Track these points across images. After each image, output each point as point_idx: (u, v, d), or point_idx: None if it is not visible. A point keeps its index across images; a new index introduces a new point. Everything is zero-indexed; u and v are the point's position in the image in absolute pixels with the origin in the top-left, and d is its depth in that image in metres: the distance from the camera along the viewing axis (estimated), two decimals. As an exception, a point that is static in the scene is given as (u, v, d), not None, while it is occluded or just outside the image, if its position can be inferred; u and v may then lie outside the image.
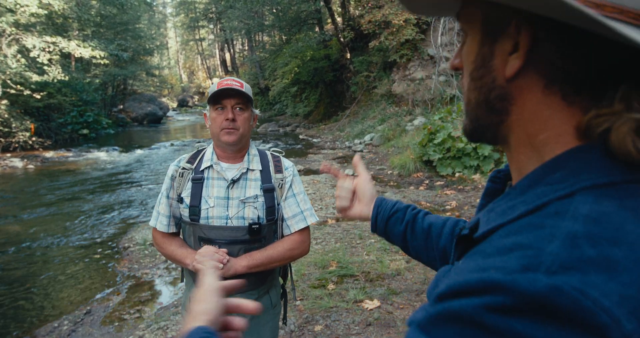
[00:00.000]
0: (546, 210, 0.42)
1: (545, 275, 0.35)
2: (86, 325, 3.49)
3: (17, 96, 13.91)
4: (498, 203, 0.50)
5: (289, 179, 1.69)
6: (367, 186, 0.99)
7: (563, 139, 0.46)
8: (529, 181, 0.47)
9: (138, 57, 26.88)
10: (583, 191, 0.42)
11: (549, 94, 0.45)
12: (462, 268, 0.42)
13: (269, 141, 15.44)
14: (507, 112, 0.49)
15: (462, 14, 0.53)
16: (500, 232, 0.44)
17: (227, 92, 1.58)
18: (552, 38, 0.43)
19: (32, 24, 14.94)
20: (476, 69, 0.51)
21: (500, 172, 0.64)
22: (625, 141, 0.40)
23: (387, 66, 15.30)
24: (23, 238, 5.76)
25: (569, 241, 0.37)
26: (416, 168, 8.50)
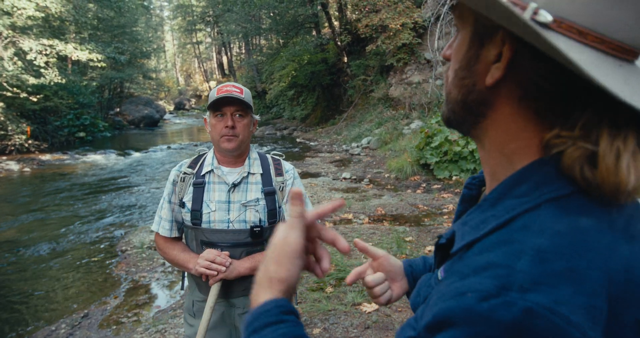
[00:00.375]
0: (514, 224, 0.44)
1: (518, 294, 0.37)
2: (84, 328, 3.47)
3: (13, 98, 13.86)
4: (471, 216, 0.51)
5: (289, 182, 1.70)
6: (390, 263, 0.89)
7: (530, 150, 0.48)
8: (498, 194, 0.49)
9: (135, 60, 26.84)
10: (547, 204, 0.44)
11: (524, 106, 0.47)
12: (443, 291, 0.44)
13: (266, 145, 15.45)
14: (483, 115, 0.51)
15: (457, 9, 0.54)
16: (474, 249, 0.46)
17: (226, 99, 1.59)
18: (530, 54, 0.44)
19: (29, 26, 14.91)
20: (461, 69, 0.52)
21: (475, 178, 0.67)
22: (573, 166, 0.43)
23: (384, 69, 15.36)
24: (20, 242, 5.73)
25: (537, 256, 0.39)
26: (413, 172, 8.53)
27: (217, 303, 1.55)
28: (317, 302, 3.48)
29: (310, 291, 3.71)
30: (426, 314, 0.45)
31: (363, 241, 4.00)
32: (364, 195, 7.36)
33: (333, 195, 7.32)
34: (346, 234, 5.22)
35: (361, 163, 10.66)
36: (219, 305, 1.65)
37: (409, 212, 6.24)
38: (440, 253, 0.61)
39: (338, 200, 0.63)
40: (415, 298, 0.63)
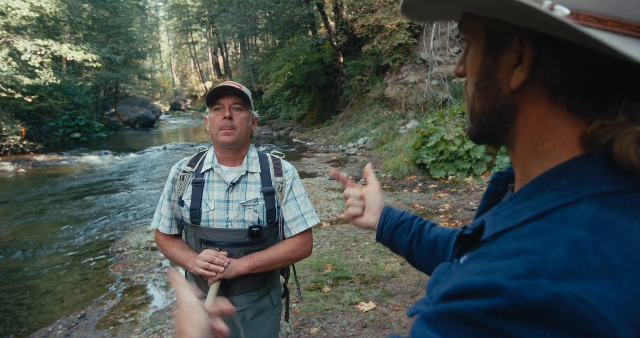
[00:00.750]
0: (552, 216, 0.43)
1: (548, 281, 0.36)
2: (81, 329, 3.47)
3: (7, 99, 13.79)
4: (504, 207, 0.51)
5: (289, 182, 1.70)
6: (376, 195, 0.98)
7: (568, 147, 0.47)
8: (535, 187, 0.48)
9: (130, 61, 26.74)
10: (588, 199, 0.43)
11: (555, 104, 0.47)
12: (469, 269, 0.44)
13: (262, 145, 15.43)
14: (512, 121, 0.51)
15: (464, 24, 0.54)
16: (506, 236, 0.45)
17: (224, 89, 1.58)
18: (555, 51, 0.44)
19: (23, 27, 14.83)
20: (481, 80, 0.52)
21: (502, 174, 0.66)
22: (628, 151, 0.41)
23: (380, 69, 15.39)
24: (15, 243, 5.71)
25: (573, 247, 0.38)
26: (409, 171, 8.55)
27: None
28: (314, 301, 3.49)
29: (308, 290, 3.72)
30: (444, 286, 0.44)
31: (360, 240, 4.03)
32: (360, 195, 7.37)
33: (330, 195, 7.34)
34: (343, 234, 5.23)
35: (357, 163, 10.68)
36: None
37: (406, 211, 6.25)
38: (462, 244, 0.60)
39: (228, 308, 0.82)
40: (432, 285, 0.62)
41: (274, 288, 1.78)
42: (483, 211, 0.66)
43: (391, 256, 4.40)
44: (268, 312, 1.74)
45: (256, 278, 1.64)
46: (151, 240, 5.40)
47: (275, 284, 1.79)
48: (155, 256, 4.94)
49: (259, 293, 1.70)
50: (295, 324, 3.19)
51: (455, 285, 0.42)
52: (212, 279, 1.52)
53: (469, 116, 0.57)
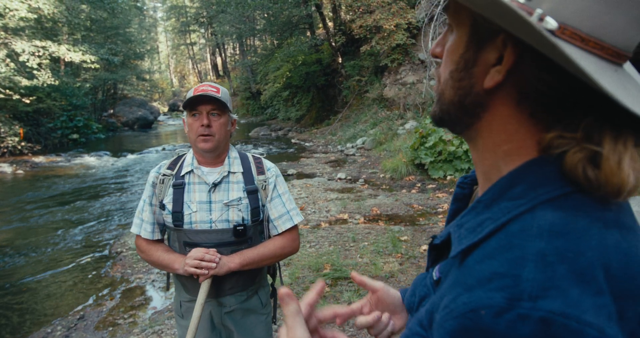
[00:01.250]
0: (511, 227, 0.44)
1: (529, 303, 0.38)
2: (80, 330, 3.47)
3: (5, 100, 13.77)
4: (466, 218, 0.52)
5: (272, 180, 1.71)
6: (391, 294, 0.82)
7: (524, 151, 0.49)
8: (492, 194, 0.49)
9: (128, 62, 26.72)
10: (542, 205, 0.44)
11: (520, 109, 0.48)
12: (450, 307, 0.43)
13: (260, 145, 15.44)
14: (478, 117, 0.52)
15: (451, 7, 0.53)
16: (474, 255, 0.46)
17: (201, 98, 1.58)
18: (533, 60, 0.45)
19: (21, 28, 14.81)
20: (457, 71, 0.52)
21: (467, 178, 0.67)
22: (576, 167, 0.43)
23: (378, 70, 15.41)
24: (13, 244, 5.70)
25: (540, 261, 0.40)
26: (408, 172, 8.57)
27: (205, 302, 1.55)
28: (313, 302, 3.49)
29: (306, 291, 3.73)
30: (437, 331, 0.45)
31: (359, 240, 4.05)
32: (359, 195, 7.39)
33: (328, 195, 7.34)
34: (342, 234, 5.24)
35: (356, 164, 10.69)
36: (207, 305, 1.64)
37: (404, 212, 6.27)
38: (434, 252, 0.61)
39: (319, 284, 0.69)
40: (410, 298, 0.63)
41: (262, 287, 1.78)
42: (452, 216, 0.67)
43: (390, 257, 4.41)
44: (258, 312, 1.74)
45: (245, 277, 1.65)
46: (135, 243, 5.40)
47: (263, 284, 1.80)
48: (154, 257, 4.93)
49: (247, 293, 1.70)
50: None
51: (450, 333, 0.42)
52: (203, 277, 1.52)
53: (436, 98, 0.57)
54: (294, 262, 4.36)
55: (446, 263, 0.54)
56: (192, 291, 1.66)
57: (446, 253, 0.57)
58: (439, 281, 0.54)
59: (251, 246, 1.64)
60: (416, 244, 4.77)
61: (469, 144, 0.57)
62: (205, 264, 1.50)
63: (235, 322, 1.69)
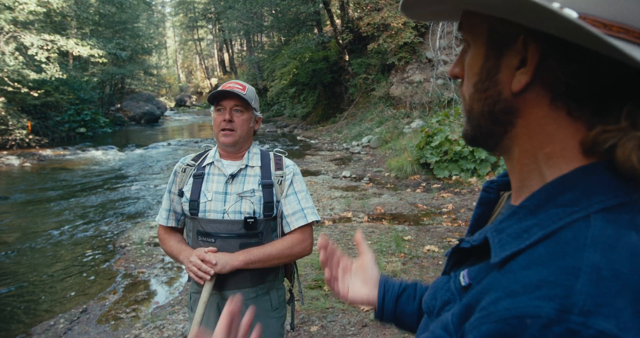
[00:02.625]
0: (563, 235, 0.42)
1: (581, 318, 0.36)
2: (82, 323, 3.49)
3: (14, 93, 13.87)
4: (507, 223, 0.49)
5: (289, 177, 1.71)
6: (373, 267, 0.91)
7: (567, 153, 0.47)
8: (537, 201, 0.47)
9: (136, 56, 26.84)
10: (596, 215, 0.42)
11: (555, 108, 0.46)
12: (489, 309, 0.41)
13: (266, 142, 15.45)
14: (511, 124, 0.50)
15: (464, 24, 0.53)
16: (520, 260, 0.44)
17: (225, 93, 1.64)
18: (559, 54, 0.44)
19: (30, 21, 14.92)
20: (481, 81, 0.51)
21: (493, 182, 0.65)
22: (630, 157, 0.41)
23: (385, 68, 15.35)
24: (19, 237, 5.75)
25: (595, 274, 0.38)
26: (413, 171, 8.53)
27: (212, 295, 1.56)
28: (315, 300, 3.49)
29: (309, 289, 3.73)
30: (470, 333, 0.43)
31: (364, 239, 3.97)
32: (363, 194, 7.37)
33: (333, 193, 7.33)
34: (345, 232, 5.23)
35: (361, 162, 10.67)
36: (214, 297, 1.66)
37: (408, 211, 6.24)
38: (457, 256, 0.59)
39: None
40: (430, 301, 0.61)
41: (274, 289, 1.75)
42: (478, 220, 0.65)
43: (393, 256, 4.39)
44: (268, 314, 1.70)
45: (253, 274, 1.63)
46: (154, 236, 5.42)
47: (276, 286, 1.76)
48: (157, 252, 4.95)
49: (257, 291, 1.68)
50: (295, 322, 3.19)
51: (482, 331, 0.40)
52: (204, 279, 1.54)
53: (465, 117, 0.56)
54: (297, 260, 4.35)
55: (479, 269, 0.52)
56: (199, 285, 1.67)
57: (472, 258, 0.55)
58: (469, 288, 0.52)
59: (261, 241, 1.64)
60: (420, 244, 4.75)
61: (504, 156, 0.55)
62: (202, 274, 1.52)
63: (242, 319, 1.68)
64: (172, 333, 3.18)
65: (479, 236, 0.53)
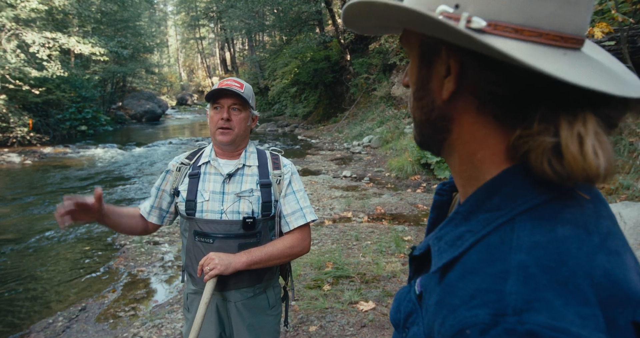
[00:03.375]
0: (491, 240, 0.44)
1: (514, 317, 0.37)
2: (81, 321, 3.49)
3: (15, 91, 13.88)
4: (445, 230, 0.51)
5: (287, 176, 1.70)
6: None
7: (497, 158, 0.48)
8: (470, 206, 0.49)
9: (138, 55, 26.84)
10: (520, 216, 0.43)
11: (482, 114, 0.48)
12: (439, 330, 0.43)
13: (267, 141, 15.44)
14: (448, 130, 0.52)
15: (403, 37, 0.56)
16: (456, 270, 0.45)
17: (223, 92, 1.61)
18: (476, 63, 0.45)
19: (32, 19, 14.90)
20: (417, 91, 0.54)
21: (445, 184, 0.67)
22: (541, 163, 0.42)
23: (386, 68, 15.33)
24: (18, 234, 5.75)
25: (522, 273, 0.39)
26: (414, 171, 8.52)
27: (212, 296, 1.55)
28: (314, 300, 3.48)
29: (308, 288, 3.72)
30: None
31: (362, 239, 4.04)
32: (363, 194, 7.36)
33: (333, 193, 7.32)
34: (345, 232, 5.22)
35: (362, 162, 10.66)
36: (213, 297, 1.65)
37: (409, 211, 6.23)
38: (415, 264, 0.61)
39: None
40: (395, 314, 0.61)
41: (271, 287, 1.76)
42: (433, 225, 0.67)
43: (392, 256, 4.39)
44: (265, 312, 1.71)
45: (251, 274, 1.63)
46: (154, 234, 5.42)
47: (273, 284, 1.77)
48: (157, 250, 4.95)
49: (254, 291, 1.68)
50: (294, 322, 3.18)
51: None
52: (208, 276, 1.51)
53: (413, 124, 0.59)
54: (296, 259, 4.35)
55: (427, 277, 0.53)
56: (196, 283, 1.67)
57: (427, 265, 0.56)
58: (421, 296, 0.53)
59: (260, 241, 1.63)
60: (419, 244, 4.74)
61: (448, 162, 0.57)
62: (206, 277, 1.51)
63: (241, 318, 1.67)
64: (170, 332, 3.18)
65: (424, 244, 0.56)
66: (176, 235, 5.45)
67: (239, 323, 1.67)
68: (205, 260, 1.52)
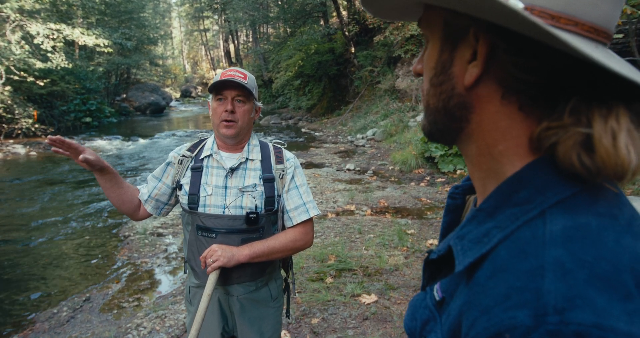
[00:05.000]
0: (521, 235, 0.41)
1: (555, 316, 0.35)
2: (85, 312, 3.52)
3: (20, 82, 13.90)
4: (467, 228, 0.48)
5: (290, 171, 1.68)
6: None
7: (520, 150, 0.46)
8: (495, 202, 0.46)
9: (142, 47, 26.80)
10: (551, 209, 0.42)
11: (507, 103, 0.46)
12: (467, 333, 0.41)
13: (271, 134, 15.43)
14: (466, 119, 0.49)
15: (423, 19, 0.53)
16: (484, 269, 0.43)
17: (228, 83, 1.57)
18: (509, 47, 0.43)
19: (36, 10, 14.87)
20: (436, 76, 0.51)
21: (458, 188, 0.65)
22: (570, 155, 0.41)
23: (391, 61, 15.23)
24: (23, 225, 5.79)
25: (559, 270, 0.37)
26: (417, 164, 8.49)
27: (214, 290, 1.54)
28: (316, 292, 3.49)
29: (310, 281, 3.73)
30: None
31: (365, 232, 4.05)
32: (367, 187, 7.35)
33: (336, 186, 7.31)
34: (348, 225, 5.22)
35: (365, 155, 10.63)
36: (215, 291, 1.64)
37: (412, 205, 6.22)
38: (431, 269, 0.58)
39: None
40: (410, 322, 0.59)
41: (273, 280, 1.75)
42: (447, 229, 0.64)
43: (395, 250, 4.39)
44: (267, 305, 1.71)
45: (254, 268, 1.62)
46: (157, 226, 5.45)
47: (275, 276, 1.77)
48: (160, 242, 4.98)
49: (257, 284, 1.67)
50: (296, 314, 3.19)
51: None
52: (211, 267, 1.51)
53: (424, 113, 0.56)
54: (299, 252, 4.36)
55: (449, 280, 0.50)
56: (199, 276, 1.66)
57: (445, 269, 0.54)
58: (443, 302, 0.51)
59: (263, 235, 1.62)
60: (422, 238, 4.73)
61: (463, 153, 0.54)
62: (209, 269, 1.51)
63: (244, 312, 1.67)
64: (173, 323, 3.20)
65: (444, 245, 0.52)
66: (179, 227, 5.47)
67: (241, 316, 1.67)
68: (208, 252, 1.51)
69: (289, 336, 2.93)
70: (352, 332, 2.95)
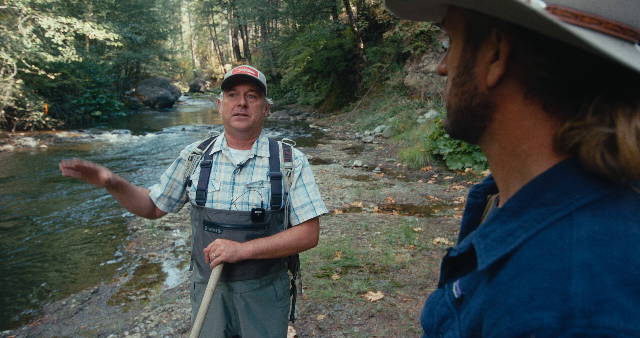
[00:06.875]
0: (548, 236, 0.41)
1: (582, 319, 0.34)
2: (93, 304, 3.55)
3: (31, 75, 14.04)
4: (491, 227, 0.48)
5: (298, 169, 1.68)
6: None
7: (545, 150, 0.46)
8: (520, 201, 0.46)
9: (151, 41, 26.89)
10: (578, 211, 0.41)
11: (530, 103, 0.45)
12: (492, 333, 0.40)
13: (279, 129, 15.44)
14: (489, 118, 0.50)
15: (446, 20, 0.54)
16: (508, 268, 0.42)
17: (240, 78, 1.59)
18: (531, 47, 0.43)
19: (47, 4, 14.97)
20: (458, 76, 0.52)
21: (479, 187, 0.65)
22: (594, 155, 0.40)
23: (400, 57, 15.13)
24: (33, 217, 5.86)
25: (587, 273, 0.36)
26: (426, 162, 8.45)
27: (217, 286, 1.54)
28: (322, 289, 3.49)
29: (316, 277, 3.73)
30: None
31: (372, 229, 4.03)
32: (374, 184, 7.33)
33: (344, 182, 7.30)
34: (355, 222, 5.21)
35: (373, 151, 10.60)
36: (219, 288, 1.65)
37: (419, 202, 6.20)
38: (450, 267, 0.58)
39: None
40: (427, 319, 0.59)
41: (279, 279, 1.74)
42: (467, 227, 0.64)
43: (402, 247, 4.37)
44: (272, 304, 1.70)
45: (258, 265, 1.62)
46: (165, 220, 5.48)
47: (280, 275, 1.75)
48: (168, 236, 5.01)
49: (261, 282, 1.67)
50: (302, 310, 3.20)
51: None
52: (214, 262, 1.51)
53: (447, 112, 0.56)
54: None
55: (469, 278, 0.50)
56: (204, 273, 1.67)
57: (465, 267, 0.53)
58: (462, 300, 0.50)
59: (268, 233, 1.61)
60: (430, 236, 4.71)
61: (485, 152, 0.54)
62: (212, 264, 1.51)
63: (248, 310, 1.66)
64: (180, 316, 3.22)
65: (465, 243, 0.52)
66: (187, 221, 5.51)
67: (245, 314, 1.66)
68: (212, 246, 1.52)
69: (294, 332, 2.93)
70: (357, 329, 2.95)
